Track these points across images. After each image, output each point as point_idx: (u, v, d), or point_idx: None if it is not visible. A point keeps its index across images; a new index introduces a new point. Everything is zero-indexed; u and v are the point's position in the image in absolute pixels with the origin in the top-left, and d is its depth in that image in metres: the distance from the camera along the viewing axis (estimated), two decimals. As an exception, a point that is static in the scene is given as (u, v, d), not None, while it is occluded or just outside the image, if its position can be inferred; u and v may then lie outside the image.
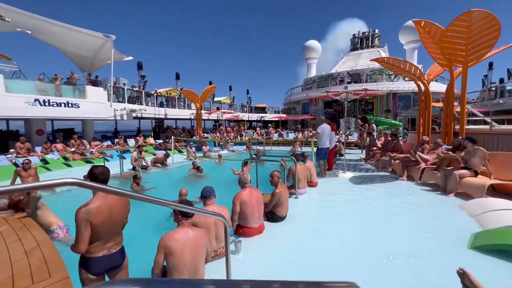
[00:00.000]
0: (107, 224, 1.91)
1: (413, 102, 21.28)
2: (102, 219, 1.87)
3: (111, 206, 1.95)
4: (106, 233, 1.92)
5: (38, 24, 10.36)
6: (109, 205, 1.93)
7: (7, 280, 1.74)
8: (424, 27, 6.13)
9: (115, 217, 1.95)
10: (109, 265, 1.95)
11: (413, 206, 4.34)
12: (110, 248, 1.95)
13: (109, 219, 1.92)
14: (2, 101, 9.08)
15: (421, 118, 8.45)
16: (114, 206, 1.96)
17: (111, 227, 1.95)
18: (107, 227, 1.92)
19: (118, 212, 1.97)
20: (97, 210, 1.86)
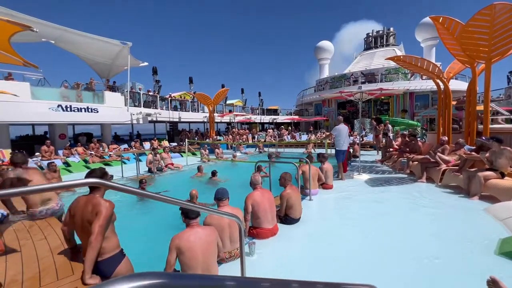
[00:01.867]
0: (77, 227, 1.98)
1: (431, 101, 20.47)
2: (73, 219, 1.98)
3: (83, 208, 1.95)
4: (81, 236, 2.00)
5: (61, 34, 10.96)
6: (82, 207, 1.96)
7: (35, 275, 1.84)
8: (443, 23, 5.91)
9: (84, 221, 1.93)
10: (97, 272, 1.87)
11: (434, 210, 4.16)
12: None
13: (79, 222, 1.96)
14: (28, 107, 9.66)
15: (440, 117, 8.12)
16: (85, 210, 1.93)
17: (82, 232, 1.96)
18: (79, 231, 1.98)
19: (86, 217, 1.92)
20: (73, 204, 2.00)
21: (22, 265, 1.99)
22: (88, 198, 1.98)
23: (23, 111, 9.53)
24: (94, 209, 1.89)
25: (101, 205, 1.90)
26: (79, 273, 1.88)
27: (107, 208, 1.90)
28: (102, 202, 1.93)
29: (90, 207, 1.91)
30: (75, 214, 1.98)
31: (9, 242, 2.34)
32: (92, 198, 1.96)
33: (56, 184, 1.03)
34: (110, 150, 12.15)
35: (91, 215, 1.89)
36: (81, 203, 1.97)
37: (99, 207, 1.88)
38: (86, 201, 1.96)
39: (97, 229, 1.80)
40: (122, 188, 1.27)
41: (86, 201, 1.96)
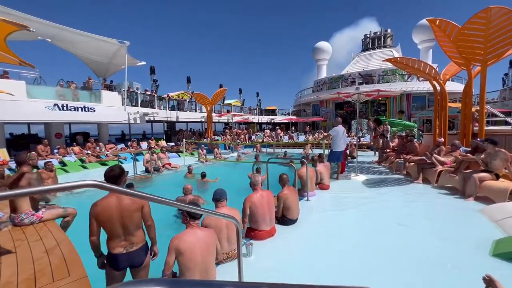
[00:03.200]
0: (115, 222, 1.99)
1: (428, 102, 20.64)
2: (107, 217, 1.97)
3: (120, 205, 2.00)
4: (117, 231, 2.00)
5: (57, 32, 10.85)
6: (117, 205, 2.00)
7: (30, 277, 1.82)
8: (439, 26, 5.96)
9: (125, 217, 2.00)
10: (128, 263, 2.03)
11: (430, 210, 4.20)
12: (126, 247, 2.02)
13: (117, 217, 1.98)
14: (24, 106, 9.55)
15: (437, 119, 8.19)
16: (124, 206, 2.00)
17: (122, 225, 2.00)
18: (117, 225, 1.99)
19: (127, 212, 2.01)
20: (102, 207, 1.98)
21: (17, 266, 1.97)
22: (118, 195, 2.02)
23: (18, 110, 9.43)
24: (135, 201, 2.05)
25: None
26: (75, 274, 1.87)
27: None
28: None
29: (128, 200, 2.02)
30: (111, 213, 1.98)
31: (3, 243, 2.32)
32: None
33: (56, 186, 1.02)
34: (107, 149, 12.07)
35: (134, 206, 2.04)
36: (112, 201, 2.00)
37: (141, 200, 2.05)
38: (118, 198, 2.02)
39: (150, 216, 2.17)
40: (119, 190, 1.27)
41: (118, 197, 2.02)
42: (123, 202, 2.01)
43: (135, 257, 2.05)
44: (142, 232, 2.12)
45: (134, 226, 2.05)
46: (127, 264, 2.04)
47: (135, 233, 2.06)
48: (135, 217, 2.05)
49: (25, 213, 2.76)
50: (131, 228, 2.03)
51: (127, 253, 2.01)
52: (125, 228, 2.01)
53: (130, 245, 2.04)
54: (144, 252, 2.12)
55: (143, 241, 2.11)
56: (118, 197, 2.02)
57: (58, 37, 11.17)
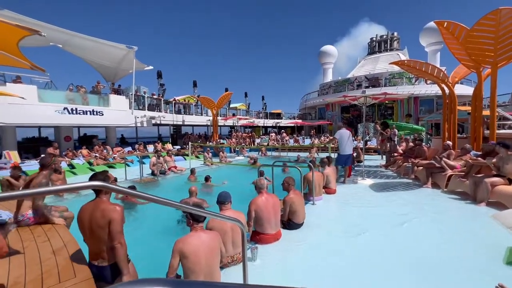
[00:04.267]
0: (86, 231, 1.95)
1: (436, 106, 20.32)
2: (81, 224, 1.96)
3: (91, 216, 1.92)
4: (88, 240, 1.97)
5: (68, 38, 11.16)
6: (89, 214, 1.93)
7: (37, 278, 1.84)
8: (447, 28, 5.89)
9: (93, 228, 1.91)
10: (98, 276, 1.93)
11: (440, 216, 4.09)
12: (98, 260, 1.96)
13: (88, 227, 1.94)
14: (35, 110, 9.81)
15: (446, 122, 8.04)
16: (93, 218, 1.91)
17: (91, 237, 1.94)
18: (88, 235, 1.95)
19: (95, 226, 1.91)
20: (81, 213, 1.96)
21: (25, 267, 1.99)
22: (96, 203, 1.97)
23: (30, 114, 9.68)
24: (104, 215, 1.89)
25: (112, 210, 1.91)
26: (81, 275, 1.88)
27: (119, 212, 1.93)
28: (111, 207, 1.94)
29: (99, 213, 1.91)
30: (83, 221, 1.96)
31: (13, 243, 2.35)
32: (100, 203, 1.95)
33: (61, 187, 1.04)
34: (114, 152, 12.24)
35: (102, 220, 1.89)
36: (89, 209, 1.96)
37: (111, 214, 1.90)
38: (94, 206, 1.95)
39: (117, 235, 1.89)
40: (124, 191, 1.28)
41: (93, 207, 1.95)
42: (94, 214, 1.91)
43: (104, 273, 1.94)
44: (110, 252, 1.93)
45: (101, 242, 1.91)
46: (98, 277, 1.93)
47: (103, 248, 1.93)
48: (102, 232, 1.90)
49: (21, 215, 2.81)
50: (99, 243, 1.92)
51: (98, 266, 1.94)
52: (94, 240, 1.92)
53: (101, 260, 1.95)
54: (117, 271, 1.96)
55: (111, 260, 1.95)
56: (94, 205, 1.95)
57: (69, 43, 11.49)
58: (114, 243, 1.89)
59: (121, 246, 1.91)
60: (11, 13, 8.35)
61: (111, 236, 1.89)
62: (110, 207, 1.94)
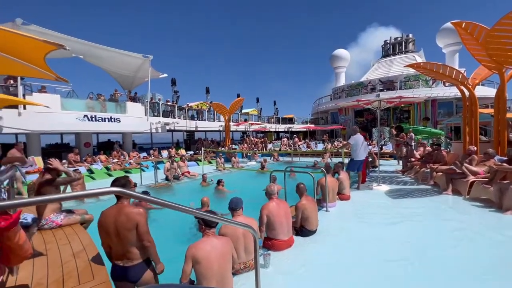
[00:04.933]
0: (111, 235, 2.01)
1: (456, 108, 19.51)
2: (105, 228, 2.02)
3: (116, 220, 2.00)
4: (114, 243, 2.02)
5: (89, 49, 11.77)
6: (114, 219, 2.01)
7: (58, 279, 1.92)
8: (466, 29, 5.68)
9: (119, 231, 1.98)
10: (124, 277, 2.00)
11: (463, 224, 3.87)
12: (123, 261, 2.02)
13: (113, 231, 2.00)
14: (58, 118, 10.36)
15: (466, 126, 7.69)
16: (118, 222, 1.99)
17: (117, 239, 2.00)
18: (113, 238, 2.01)
19: (121, 229, 1.99)
20: (104, 218, 2.04)
21: (48, 269, 2.08)
22: (119, 208, 2.04)
23: (53, 121, 10.23)
24: (130, 218, 1.99)
25: (137, 213, 2.02)
26: (99, 278, 1.94)
27: (143, 215, 2.04)
28: (136, 210, 2.04)
29: (124, 217, 1.99)
30: (107, 226, 2.02)
31: (36, 245, 2.47)
32: (123, 207, 2.04)
33: (81, 193, 1.09)
34: (130, 158, 12.64)
35: (128, 223, 1.99)
36: (112, 214, 2.03)
37: (137, 217, 2.01)
38: (118, 210, 2.03)
39: (146, 235, 2.03)
40: (140, 196, 1.32)
41: (117, 211, 2.03)
42: (119, 218, 1.99)
43: (131, 273, 2.01)
44: (138, 250, 2.05)
45: (128, 243, 2.00)
46: (123, 277, 2.00)
47: (130, 249, 2.02)
48: (129, 234, 1.99)
49: (45, 219, 2.95)
50: (125, 244, 1.99)
51: (124, 267, 2.00)
52: (120, 243, 1.99)
53: (127, 260, 2.02)
54: (142, 269, 2.05)
55: (140, 258, 2.05)
56: (118, 210, 2.02)
57: (89, 53, 12.11)
58: (144, 242, 2.03)
59: (150, 244, 2.07)
60: (38, 27, 8.94)
61: (140, 237, 2.02)
62: (135, 210, 2.04)
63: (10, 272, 1.92)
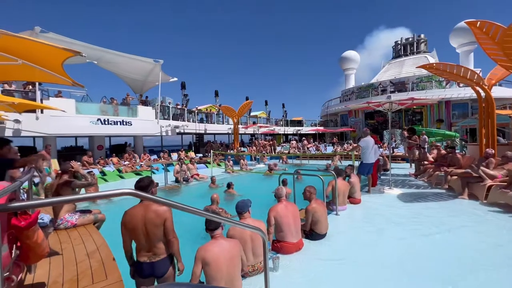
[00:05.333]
0: (139, 232, 2.08)
1: (471, 110, 18.90)
2: (133, 226, 2.08)
3: (145, 217, 2.08)
4: (141, 240, 2.10)
5: (102, 55, 12.14)
6: (142, 216, 2.09)
7: (73, 278, 1.98)
8: (481, 28, 5.51)
9: (148, 229, 2.08)
10: (150, 272, 2.10)
11: (480, 230, 3.73)
12: (150, 257, 2.11)
13: (141, 228, 2.07)
14: (73, 121, 10.72)
15: (482, 128, 7.43)
16: (147, 219, 2.08)
17: (145, 236, 2.08)
18: (140, 235, 2.08)
19: (150, 225, 2.08)
20: (130, 216, 2.10)
21: (63, 267, 2.15)
22: (146, 206, 2.12)
23: (68, 125, 10.59)
24: (159, 214, 2.10)
25: (165, 210, 2.13)
26: (112, 277, 1.98)
27: (170, 211, 2.13)
28: (163, 207, 2.13)
29: (152, 214, 2.09)
30: (135, 224, 2.09)
31: (53, 245, 2.56)
32: (150, 205, 2.12)
33: (97, 194, 1.12)
34: (141, 160, 12.89)
35: (157, 220, 2.09)
36: (140, 212, 2.11)
37: (165, 213, 2.12)
38: (144, 208, 2.11)
39: (172, 231, 2.17)
40: (153, 198, 1.35)
41: (145, 209, 2.11)
42: (148, 215, 2.09)
43: (157, 267, 2.11)
44: (164, 245, 2.17)
45: (156, 239, 2.11)
46: (150, 273, 2.10)
47: (157, 245, 2.12)
48: (157, 230, 2.11)
49: (60, 219, 3.05)
50: (153, 240, 2.10)
51: (150, 263, 2.09)
52: (148, 239, 2.09)
53: (153, 255, 2.11)
54: (167, 264, 2.17)
55: (165, 253, 2.17)
56: (145, 208, 2.10)
57: (102, 59, 12.49)
58: (170, 237, 2.15)
59: (175, 239, 2.19)
60: (55, 35, 9.31)
61: (167, 232, 2.14)
62: (163, 207, 2.13)
63: (28, 270, 1.99)
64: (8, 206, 1.08)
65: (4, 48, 2.16)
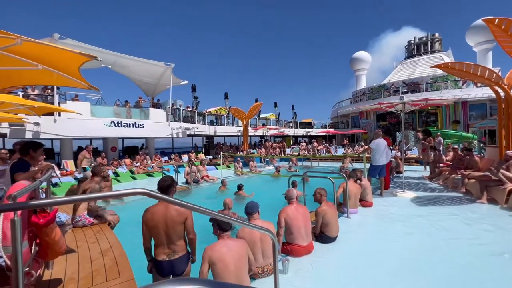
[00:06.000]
0: (160, 230, 2.13)
1: (490, 110, 18.14)
2: (154, 223, 2.13)
3: (166, 215, 2.14)
4: (161, 238, 2.14)
5: (116, 59, 12.54)
6: (163, 214, 2.14)
7: (88, 275, 2.04)
8: (499, 25, 5.31)
9: (169, 226, 2.13)
10: (170, 270, 2.16)
11: (502, 236, 3.56)
12: (169, 254, 2.16)
13: (162, 226, 2.12)
14: (88, 124, 11.10)
15: (502, 129, 7.11)
16: (169, 216, 2.14)
17: (166, 234, 2.14)
18: (161, 233, 2.14)
19: (171, 222, 2.14)
20: (151, 214, 2.15)
21: (78, 265, 2.22)
22: (167, 204, 2.17)
23: (84, 127, 10.98)
24: (180, 213, 2.16)
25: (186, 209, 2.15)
26: (124, 275, 2.03)
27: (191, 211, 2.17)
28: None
29: (174, 212, 2.16)
30: (157, 222, 2.15)
31: (69, 243, 2.65)
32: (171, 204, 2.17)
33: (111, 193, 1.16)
34: (153, 162, 13.15)
35: (179, 217, 2.16)
36: (161, 211, 2.16)
37: (186, 212, 2.19)
38: (165, 207, 2.17)
39: (192, 229, 2.25)
40: (165, 198, 1.37)
41: (165, 207, 2.17)
42: (169, 213, 2.14)
43: (177, 265, 2.16)
44: (183, 242, 2.23)
45: (176, 236, 2.16)
46: (169, 271, 2.16)
47: (177, 242, 2.18)
48: (178, 228, 2.17)
49: (79, 216, 3.18)
50: (173, 238, 2.15)
51: (169, 261, 2.14)
52: (168, 236, 2.14)
53: (172, 253, 2.16)
54: (185, 261, 2.23)
55: (184, 250, 2.22)
56: (166, 206, 2.16)
57: (116, 63, 12.90)
58: (191, 235, 2.24)
59: (194, 236, 2.28)
60: (72, 41, 9.70)
61: (187, 230, 2.22)
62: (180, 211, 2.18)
63: (46, 267, 2.07)
64: (28, 204, 1.13)
65: (25, 54, 2.27)
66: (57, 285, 1.91)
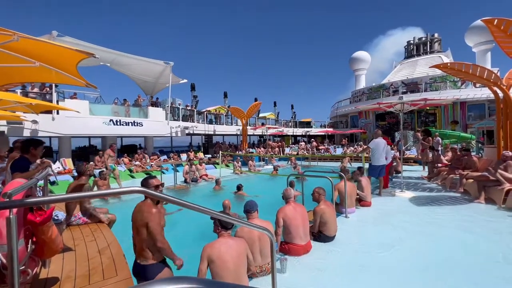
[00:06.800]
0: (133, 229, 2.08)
1: (488, 111, 18.20)
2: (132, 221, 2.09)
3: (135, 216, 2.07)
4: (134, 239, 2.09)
5: (115, 58, 12.48)
6: (135, 214, 2.08)
7: (85, 274, 2.03)
8: (498, 26, 5.31)
9: (135, 225, 2.05)
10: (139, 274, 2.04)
11: (499, 236, 3.57)
12: (140, 259, 2.05)
13: (134, 227, 2.07)
14: (87, 122, 11.05)
15: (500, 129, 7.14)
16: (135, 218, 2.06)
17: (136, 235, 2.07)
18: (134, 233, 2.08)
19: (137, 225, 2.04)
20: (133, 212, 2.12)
21: (76, 263, 2.21)
22: (141, 205, 2.14)
23: (82, 125, 10.93)
24: (143, 216, 2.06)
25: (147, 212, 2.06)
26: (122, 274, 2.02)
27: (153, 214, 2.05)
28: (147, 209, 2.09)
29: (140, 214, 2.08)
30: (132, 221, 2.12)
31: (65, 241, 2.63)
32: (143, 205, 2.13)
33: (108, 191, 1.15)
34: (151, 160, 13.12)
35: (141, 220, 2.05)
36: (135, 210, 2.14)
37: (147, 215, 2.04)
38: (140, 207, 2.13)
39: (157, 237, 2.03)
40: (161, 196, 1.36)
41: (139, 208, 2.13)
42: (137, 215, 2.04)
43: (147, 271, 2.03)
44: (151, 251, 2.05)
45: (143, 241, 2.02)
46: (139, 274, 2.03)
47: (145, 248, 2.04)
48: (142, 233, 2.01)
49: (73, 216, 3.16)
50: (141, 241, 2.02)
51: (141, 265, 2.03)
52: (138, 239, 2.04)
53: (143, 258, 2.04)
54: (156, 270, 2.06)
55: (154, 260, 2.05)
56: (139, 207, 2.10)
57: (115, 61, 12.84)
58: (157, 244, 2.05)
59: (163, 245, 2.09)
60: (71, 38, 9.65)
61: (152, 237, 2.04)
62: (147, 208, 2.09)
63: (43, 265, 2.06)
64: (23, 201, 1.12)
65: (23, 50, 2.26)
66: (53, 283, 1.90)
